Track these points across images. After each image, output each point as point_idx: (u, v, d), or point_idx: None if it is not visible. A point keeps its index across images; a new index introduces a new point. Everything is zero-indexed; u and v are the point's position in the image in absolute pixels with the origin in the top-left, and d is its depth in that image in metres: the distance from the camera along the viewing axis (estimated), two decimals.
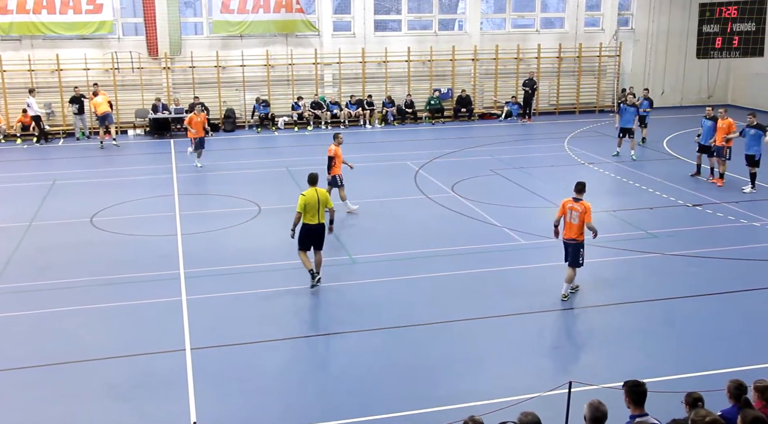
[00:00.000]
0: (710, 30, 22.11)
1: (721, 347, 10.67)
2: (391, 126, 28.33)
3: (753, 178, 18.65)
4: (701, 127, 20.03)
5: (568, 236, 12.18)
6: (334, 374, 10.04)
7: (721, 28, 21.98)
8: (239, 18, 27.19)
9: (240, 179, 20.46)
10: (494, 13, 31.42)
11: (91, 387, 9.68)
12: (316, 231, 12.70)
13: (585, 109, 31.06)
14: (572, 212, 12.05)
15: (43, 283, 13.07)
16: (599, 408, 6.38)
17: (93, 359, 10.39)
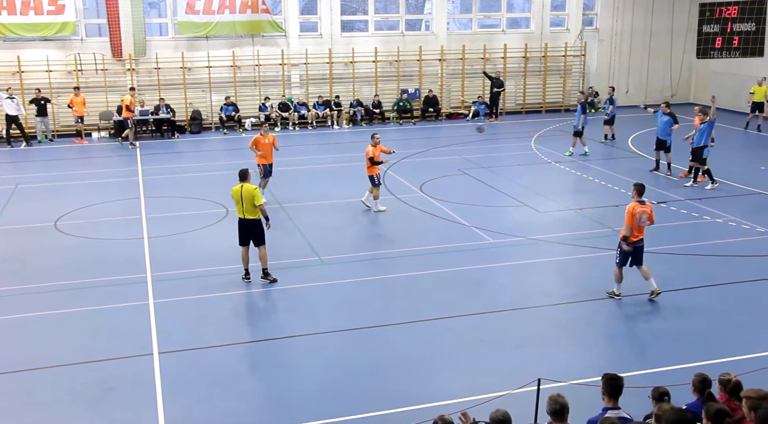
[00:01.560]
0: (710, 30, 22.07)
1: (687, 342, 10.82)
2: (358, 126, 28.33)
3: (695, 172, 19.23)
4: (658, 123, 20.61)
5: (637, 238, 12.02)
6: (304, 375, 10.00)
7: (721, 28, 21.95)
8: (205, 19, 26.99)
9: (207, 181, 20.29)
10: (460, 14, 31.56)
11: (58, 394, 9.54)
12: (245, 226, 13.00)
13: (551, 109, 31.33)
14: (642, 215, 11.91)
15: (7, 289, 12.85)
16: (558, 400, 6.52)
17: (59, 366, 10.24)
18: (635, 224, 11.93)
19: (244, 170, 13.18)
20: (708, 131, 18.74)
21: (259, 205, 12.85)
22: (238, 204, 12.98)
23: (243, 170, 13.18)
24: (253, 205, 12.82)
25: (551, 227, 16.08)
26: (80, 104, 25.48)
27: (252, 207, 12.85)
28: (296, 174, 20.77)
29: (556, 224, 16.34)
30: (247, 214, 12.92)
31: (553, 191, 19.06)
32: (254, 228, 12.98)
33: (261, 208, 12.91)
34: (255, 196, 12.83)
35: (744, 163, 21.99)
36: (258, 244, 13.06)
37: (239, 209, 13.01)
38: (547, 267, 14.01)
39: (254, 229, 12.99)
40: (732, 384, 6.92)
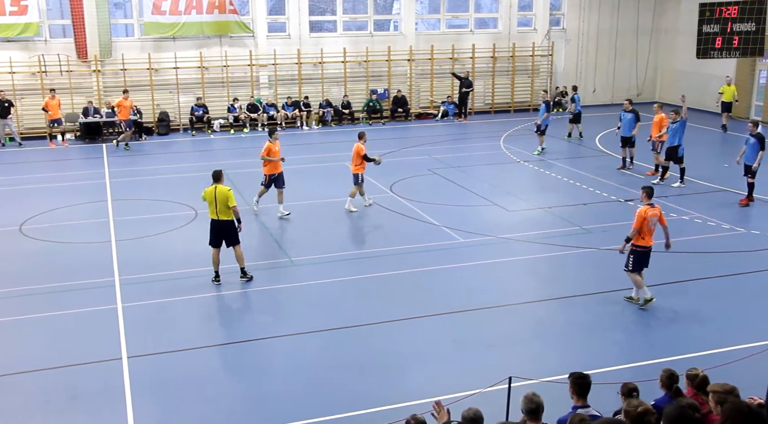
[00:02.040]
0: (710, 30, 22.07)
1: (655, 338, 10.96)
2: (328, 127, 28.26)
3: (663, 170, 19.52)
4: (620, 120, 21.09)
5: (649, 243, 11.83)
6: (276, 377, 9.95)
7: (721, 28, 21.92)
8: (171, 19, 26.74)
9: (175, 183, 20.12)
10: (429, 14, 31.63)
11: (23, 401, 9.38)
12: (218, 227, 12.94)
13: (519, 108, 31.52)
14: (652, 218, 11.72)
15: None
16: (533, 399, 6.56)
17: (24, 372, 10.07)
18: (647, 228, 11.69)
19: (218, 171, 13.13)
20: (681, 130, 18.98)
21: (232, 207, 12.78)
22: (212, 205, 12.88)
23: (217, 171, 13.12)
24: (227, 206, 12.76)
25: (521, 226, 16.18)
26: (56, 107, 25.10)
27: (225, 208, 12.78)
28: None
29: (525, 223, 16.45)
30: (220, 215, 12.85)
31: (523, 190, 19.19)
32: (228, 229, 12.92)
33: (234, 210, 12.83)
34: (229, 197, 12.76)
35: (709, 161, 22.30)
36: (233, 244, 13.01)
37: (212, 211, 12.91)
38: (518, 266, 14.09)
39: (228, 230, 12.93)
40: (699, 379, 7.02)
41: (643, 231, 11.76)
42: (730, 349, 10.38)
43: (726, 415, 4.99)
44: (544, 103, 23.21)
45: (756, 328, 11.20)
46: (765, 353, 8.81)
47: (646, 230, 11.77)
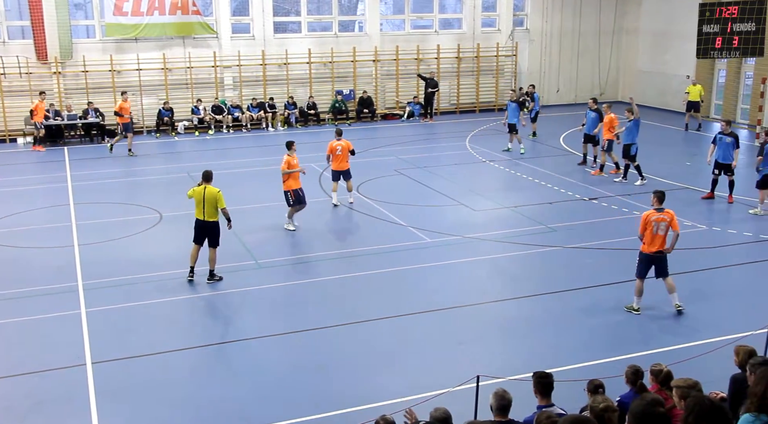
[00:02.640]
0: (710, 30, 22.17)
1: (620, 334, 11.08)
2: (294, 128, 28.14)
3: (625, 169, 19.73)
4: (585, 118, 21.40)
5: (654, 248, 11.43)
6: (242, 381, 9.88)
7: (721, 28, 22.00)
8: (133, 21, 26.42)
9: (140, 186, 19.90)
10: (393, 15, 31.67)
11: None
12: (203, 227, 13.04)
13: (484, 108, 31.70)
14: (660, 223, 11.33)
15: None
16: (504, 396, 6.64)
17: None
18: (652, 233, 11.38)
19: (208, 171, 13.18)
20: (635, 130, 19.23)
21: (222, 209, 12.86)
22: (199, 205, 12.94)
23: (207, 171, 13.18)
24: (215, 207, 12.84)
25: (487, 226, 16.27)
26: (43, 110, 24.71)
27: (213, 210, 12.87)
28: (231, 177, 20.49)
29: (492, 222, 16.54)
30: (207, 216, 12.93)
31: (489, 190, 19.29)
32: (212, 230, 13.03)
33: (224, 212, 12.92)
34: (218, 199, 12.83)
35: (671, 159, 22.63)
36: (211, 245, 13.06)
37: (199, 211, 12.99)
38: (484, 265, 14.16)
39: (212, 231, 13.03)
40: (663, 374, 7.11)
41: (647, 236, 11.45)
42: (694, 344, 10.55)
43: (689, 409, 5.05)
44: (516, 103, 23.26)
45: (718, 323, 11.38)
46: (726, 347, 8.95)
47: (650, 234, 11.43)
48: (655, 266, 11.60)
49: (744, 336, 9.98)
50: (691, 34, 29.49)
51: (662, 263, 11.57)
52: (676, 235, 11.44)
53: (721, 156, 17.49)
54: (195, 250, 13.15)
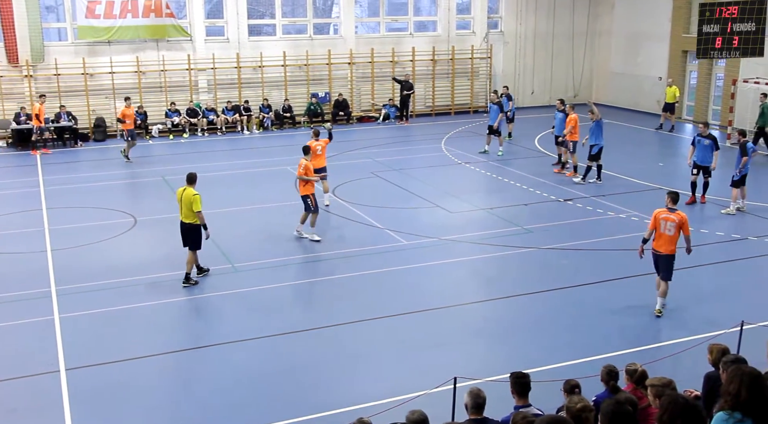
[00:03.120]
0: (710, 30, 21.94)
1: (597, 334, 11.15)
2: (269, 131, 28.04)
3: (598, 170, 19.93)
4: (555, 119, 21.62)
5: (660, 248, 11.60)
6: (217, 386, 9.81)
7: (721, 28, 21.78)
8: (106, 23, 26.17)
9: (114, 190, 19.71)
10: (368, 17, 31.67)
11: None
12: (181, 229, 13.16)
13: (460, 111, 31.80)
14: (667, 222, 11.43)
15: None
16: (479, 395, 6.69)
17: None
18: (659, 231, 11.53)
19: (192, 174, 13.26)
20: (597, 130, 19.51)
21: (197, 212, 12.85)
22: (179, 207, 13.08)
23: (190, 174, 13.25)
24: (191, 209, 12.86)
25: (464, 227, 16.31)
26: (43, 112, 24.50)
27: (189, 212, 12.90)
28: (206, 181, 20.34)
29: (468, 224, 16.59)
30: (184, 217, 13.02)
31: (464, 192, 19.35)
32: (190, 232, 13.05)
33: (199, 216, 12.90)
34: (194, 202, 12.85)
35: (644, 159, 22.85)
36: (190, 248, 13.10)
37: (180, 213, 13.12)
38: (461, 267, 14.20)
39: (189, 233, 13.06)
40: (638, 374, 7.18)
41: (656, 234, 11.62)
42: (668, 343, 10.65)
43: (664, 408, 5.11)
44: (497, 105, 23.34)
45: (691, 322, 11.51)
46: (700, 346, 9.05)
47: (658, 233, 11.58)
48: (659, 265, 11.78)
49: (717, 335, 10.10)
50: (664, 36, 29.99)
51: (665, 264, 11.67)
52: (686, 238, 11.61)
53: (700, 158, 17.51)
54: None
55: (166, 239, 15.66)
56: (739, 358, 6.74)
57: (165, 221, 16.81)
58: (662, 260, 11.67)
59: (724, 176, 18.21)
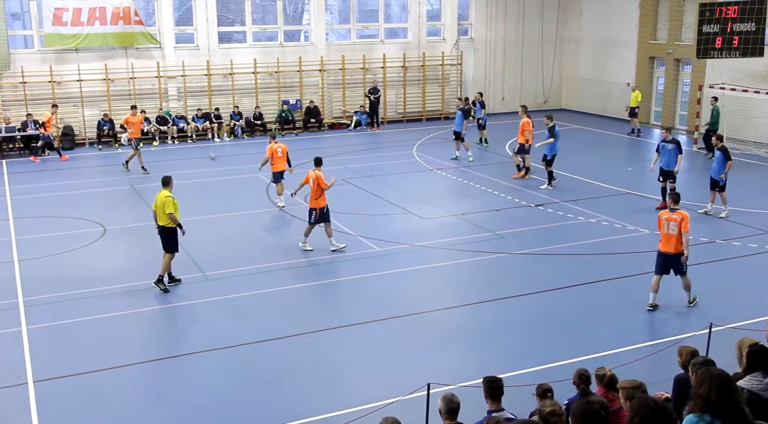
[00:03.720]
0: (710, 30, 22.04)
1: (569, 338, 11.22)
2: (240, 139, 27.90)
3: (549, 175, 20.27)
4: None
5: (666, 248, 11.95)
6: (189, 396, 9.71)
7: (721, 28, 21.89)
8: (73, 31, 25.89)
9: (82, 199, 19.45)
10: (339, 24, 31.69)
11: None
12: (158, 232, 13.27)
13: (431, 117, 31.90)
14: (670, 222, 11.82)
15: None
16: (453, 400, 6.73)
17: None
18: (663, 232, 11.93)
19: (165, 177, 13.48)
20: (549, 136, 19.90)
21: (168, 213, 12.97)
22: (155, 211, 13.27)
23: (164, 177, 13.49)
24: (164, 212, 12.99)
25: (435, 233, 16.34)
26: (52, 120, 24.40)
27: (163, 214, 13.03)
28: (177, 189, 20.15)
29: (440, 230, 16.62)
30: (159, 220, 13.17)
31: (436, 198, 19.40)
32: (164, 235, 13.17)
33: (171, 217, 13.00)
34: (166, 203, 13.02)
35: (613, 165, 23.08)
36: (165, 250, 13.17)
37: (156, 216, 13.27)
38: (434, 273, 14.22)
39: (163, 236, 13.18)
40: (607, 378, 7.25)
41: (661, 235, 12.00)
42: (638, 346, 10.74)
43: (634, 410, 5.15)
44: (460, 111, 23.60)
45: (662, 325, 11.63)
46: (670, 349, 9.14)
47: (663, 234, 11.95)
48: (671, 265, 12.06)
49: (687, 337, 10.22)
50: (631, 42, 30.37)
51: (676, 263, 12.00)
52: (685, 236, 11.86)
53: (665, 163, 17.66)
54: None
55: (136, 248, 15.52)
56: (708, 360, 6.82)
57: (135, 229, 16.65)
58: (672, 260, 11.99)
59: (694, 180, 18.44)
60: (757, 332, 8.59)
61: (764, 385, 6.58)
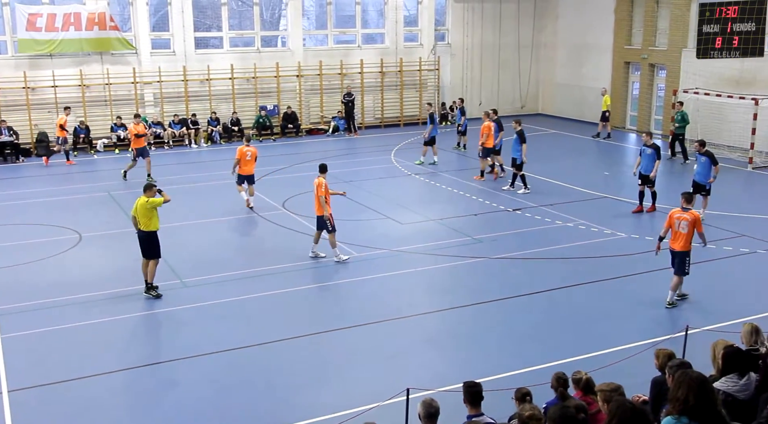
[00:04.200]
0: (710, 30, 22.06)
1: (548, 342, 11.27)
2: (217, 145, 27.77)
3: (513, 178, 20.56)
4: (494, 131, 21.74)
5: (675, 245, 12.31)
6: (167, 403, 9.64)
7: (721, 28, 21.89)
8: (48, 36, 25.64)
9: (57, 206, 19.25)
10: (316, 30, 31.68)
11: None
12: (138, 238, 13.21)
13: (409, 122, 31.96)
14: (681, 221, 12.16)
15: None
16: (432, 404, 6.74)
17: None
18: (674, 230, 12.26)
19: (146, 184, 13.44)
20: (517, 141, 20.17)
21: (157, 205, 12.99)
22: (135, 218, 13.23)
23: (148, 183, 13.74)
24: (148, 217, 12.96)
25: (414, 238, 16.36)
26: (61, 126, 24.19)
27: (145, 219, 12.97)
28: None
29: (418, 235, 16.64)
30: (141, 225, 13.09)
31: (414, 203, 19.43)
32: (143, 241, 13.09)
33: (161, 202, 13.05)
34: (148, 202, 12.94)
35: (589, 169, 23.26)
36: (146, 256, 13.10)
37: (137, 222, 13.23)
38: (412, 278, 14.23)
39: (144, 242, 13.10)
40: (584, 381, 7.30)
41: (672, 233, 12.32)
42: (615, 349, 10.80)
43: (612, 413, 5.19)
44: (429, 116, 23.83)
45: (639, 328, 11.71)
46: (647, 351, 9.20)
47: (674, 232, 12.29)
48: (674, 261, 12.41)
49: (664, 339, 10.30)
50: (606, 47, 30.63)
51: (681, 261, 12.31)
52: (700, 235, 12.27)
53: (644, 167, 17.82)
54: (143, 264, 13.17)
55: (112, 255, 15.39)
56: (685, 362, 6.88)
57: (111, 236, 16.52)
58: (677, 257, 12.34)
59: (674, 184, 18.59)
60: (732, 334, 8.68)
61: (740, 386, 6.66)
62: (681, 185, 17.86)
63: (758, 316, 11.36)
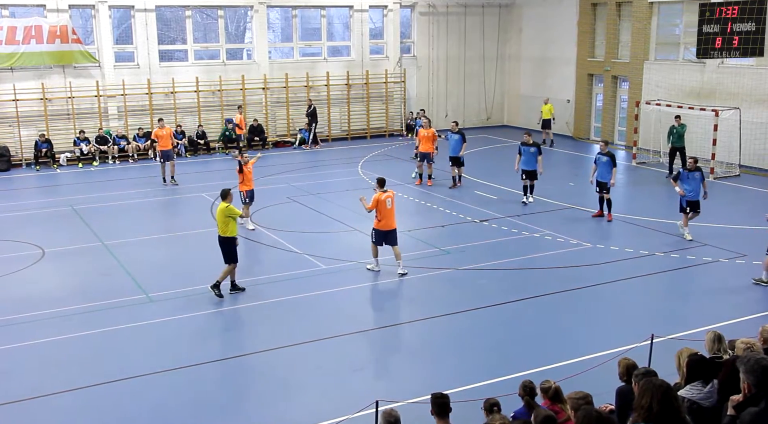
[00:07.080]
0: (710, 30, 21.97)
1: (516, 352, 11.32)
2: (182, 158, 27.53)
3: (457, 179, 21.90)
4: (449, 141, 22.51)
5: None
6: (135, 421, 9.48)
7: (721, 28, 21.82)
8: (8, 49, 25.27)
9: (20, 222, 18.92)
10: (282, 42, 31.65)
11: None
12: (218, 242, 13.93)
13: (375, 134, 32.03)
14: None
15: None
16: (392, 413, 6.79)
17: None
18: None
19: (224, 190, 13.78)
20: (459, 142, 21.60)
21: (234, 217, 13.59)
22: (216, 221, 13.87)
23: (224, 189, 13.83)
24: (224, 222, 13.50)
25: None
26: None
27: (222, 224, 13.55)
28: (118, 210, 19.87)
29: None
30: (218, 231, 13.69)
31: None
32: (221, 246, 13.72)
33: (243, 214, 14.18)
34: (227, 209, 13.46)
35: (555, 180, 23.44)
36: (225, 261, 13.62)
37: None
38: (380, 290, 14.21)
39: (221, 247, 13.73)
40: (552, 390, 7.33)
41: None
42: (587, 358, 10.87)
43: (579, 421, 5.22)
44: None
45: (605, 337, 11.81)
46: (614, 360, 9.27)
47: None
48: None
49: (630, 348, 10.39)
50: (570, 60, 31.03)
51: None
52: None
53: (600, 174, 18.39)
54: None
55: (76, 271, 15.16)
56: (650, 371, 6.95)
57: (75, 251, 16.28)
58: None
59: (631, 194, 18.84)
60: (697, 342, 8.79)
61: (704, 394, 6.74)
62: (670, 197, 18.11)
63: (721, 324, 11.54)
